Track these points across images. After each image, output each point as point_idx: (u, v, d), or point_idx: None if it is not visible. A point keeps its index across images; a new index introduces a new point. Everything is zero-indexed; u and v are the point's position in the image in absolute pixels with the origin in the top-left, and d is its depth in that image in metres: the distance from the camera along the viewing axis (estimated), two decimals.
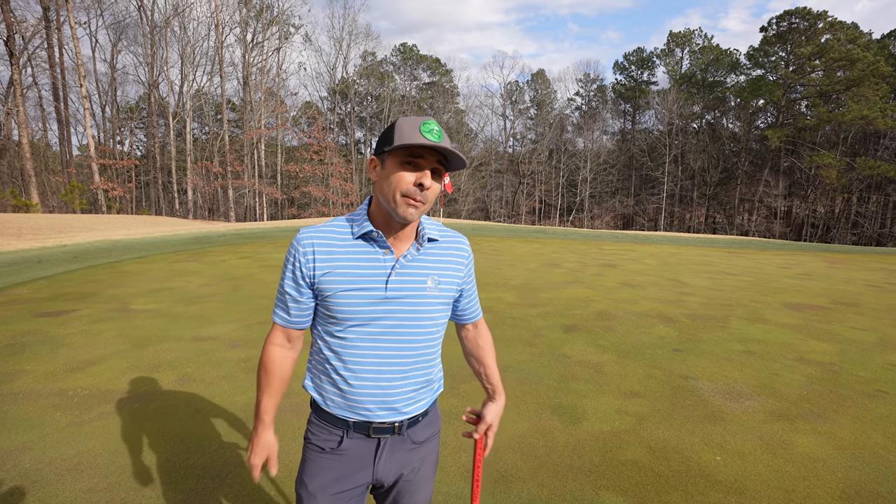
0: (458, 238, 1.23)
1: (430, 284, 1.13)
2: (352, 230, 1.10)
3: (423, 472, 1.22)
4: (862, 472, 2.46)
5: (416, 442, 1.19)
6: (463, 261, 1.22)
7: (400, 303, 1.09)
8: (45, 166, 34.93)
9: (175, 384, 3.37)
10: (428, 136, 1.00)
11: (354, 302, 1.07)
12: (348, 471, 1.14)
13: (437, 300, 1.15)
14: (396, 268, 1.09)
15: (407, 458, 1.18)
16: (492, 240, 15.66)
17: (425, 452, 1.22)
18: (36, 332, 4.48)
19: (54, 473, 2.30)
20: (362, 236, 1.09)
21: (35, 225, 16.41)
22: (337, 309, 1.08)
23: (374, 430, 1.12)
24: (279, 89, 38.29)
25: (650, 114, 51.98)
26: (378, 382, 1.10)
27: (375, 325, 1.09)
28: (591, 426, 2.90)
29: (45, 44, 29.18)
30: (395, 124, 1.04)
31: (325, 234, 1.10)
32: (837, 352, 4.50)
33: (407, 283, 1.10)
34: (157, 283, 6.97)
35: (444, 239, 1.19)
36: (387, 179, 1.04)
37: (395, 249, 1.10)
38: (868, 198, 40.25)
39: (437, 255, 1.16)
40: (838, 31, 38.34)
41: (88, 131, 28.90)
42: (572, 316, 5.58)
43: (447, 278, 1.17)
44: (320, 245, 1.09)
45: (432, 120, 1.03)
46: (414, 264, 1.12)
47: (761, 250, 16.48)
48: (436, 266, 1.15)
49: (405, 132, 1.01)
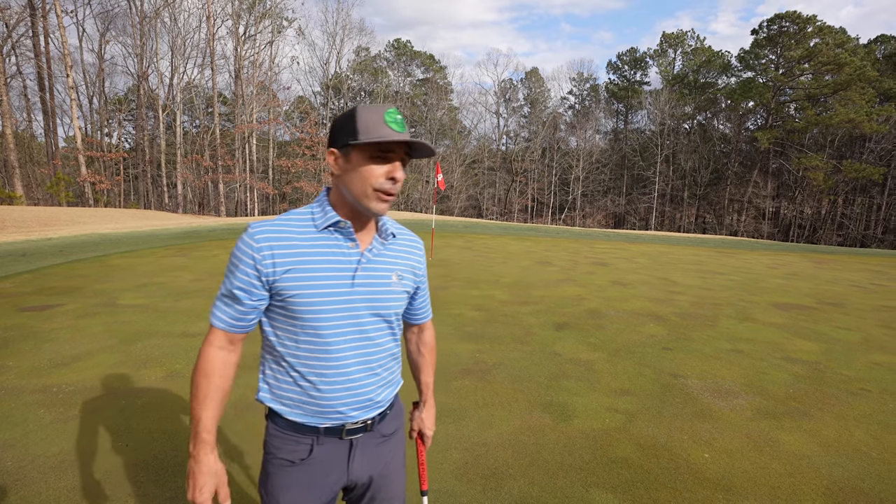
0: (414, 238, 1.23)
1: (395, 279, 1.11)
2: (314, 222, 1.04)
3: (395, 463, 1.21)
4: (845, 469, 2.50)
5: (384, 435, 1.17)
6: (418, 259, 1.21)
7: (366, 298, 1.06)
8: (29, 158, 34.19)
9: (163, 380, 3.33)
10: (394, 126, 0.97)
11: (320, 300, 1.01)
12: (322, 479, 1.09)
13: (400, 295, 1.14)
14: (362, 261, 1.06)
15: (378, 452, 1.16)
16: (484, 237, 15.68)
17: (394, 444, 1.21)
18: (20, 327, 4.39)
19: (37, 471, 2.25)
20: (328, 227, 1.04)
21: (19, 217, 16.08)
22: (301, 308, 1.01)
23: (347, 431, 1.09)
24: (271, 83, 37.85)
25: (642, 114, 52.35)
26: (349, 382, 1.07)
27: (342, 323, 1.04)
28: (582, 424, 2.92)
29: (31, 32, 28.51)
30: (354, 114, 0.98)
31: (282, 228, 1.02)
32: (823, 351, 4.57)
33: (373, 277, 1.07)
34: (145, 277, 6.87)
35: (401, 235, 1.17)
36: (355, 173, 0.99)
37: (359, 242, 1.07)
38: (853, 200, 40.99)
39: (398, 251, 1.15)
40: (827, 36, 38.89)
41: (75, 122, 28.35)
42: (564, 314, 5.60)
43: (408, 274, 1.16)
44: (278, 241, 1.00)
45: (394, 108, 1.00)
46: (379, 258, 1.09)
47: (750, 250, 16.70)
48: (399, 261, 1.14)
49: (370, 124, 0.96)
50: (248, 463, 2.39)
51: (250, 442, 2.57)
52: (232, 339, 1.06)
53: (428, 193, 45.59)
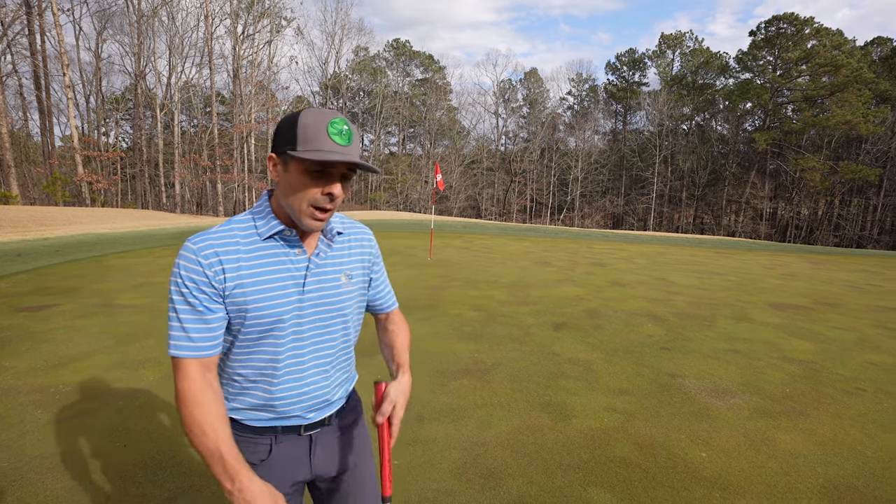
0: (363, 230, 1.19)
1: (344, 280, 1.09)
2: (257, 231, 0.99)
3: (362, 451, 1.21)
4: (840, 468, 2.52)
5: (342, 427, 1.18)
6: (368, 251, 1.17)
7: (317, 303, 1.04)
8: (25, 157, 34.01)
9: (160, 381, 3.32)
10: (337, 139, 0.90)
11: (271, 312, 0.98)
12: (285, 476, 1.09)
13: (352, 294, 1.12)
14: (311, 267, 1.03)
15: (340, 444, 1.16)
16: (483, 237, 15.69)
17: (356, 433, 1.21)
18: (16, 328, 4.37)
19: (34, 472, 2.25)
20: (271, 236, 0.99)
21: (15, 217, 16.00)
22: (251, 321, 0.97)
23: (305, 429, 1.09)
24: (270, 83, 37.80)
25: (641, 114, 52.52)
26: (305, 388, 1.06)
27: (294, 330, 1.02)
28: (580, 423, 2.92)
29: (26, 30, 28.37)
30: (296, 120, 0.91)
31: (225, 238, 0.97)
32: (819, 351, 4.60)
33: (323, 282, 1.05)
34: (142, 277, 6.85)
35: (348, 231, 1.14)
36: (290, 187, 0.93)
37: (306, 247, 1.04)
38: (850, 201, 41.19)
39: (346, 249, 1.12)
40: (824, 37, 39.10)
41: (72, 122, 28.25)
42: (562, 314, 5.62)
43: (357, 271, 1.14)
44: (224, 252, 0.95)
45: (340, 118, 0.92)
46: (327, 262, 1.07)
47: (747, 251, 16.76)
48: (347, 260, 1.11)
49: (310, 133, 0.89)
50: None
51: None
52: (206, 365, 0.95)
53: (426, 194, 45.59)
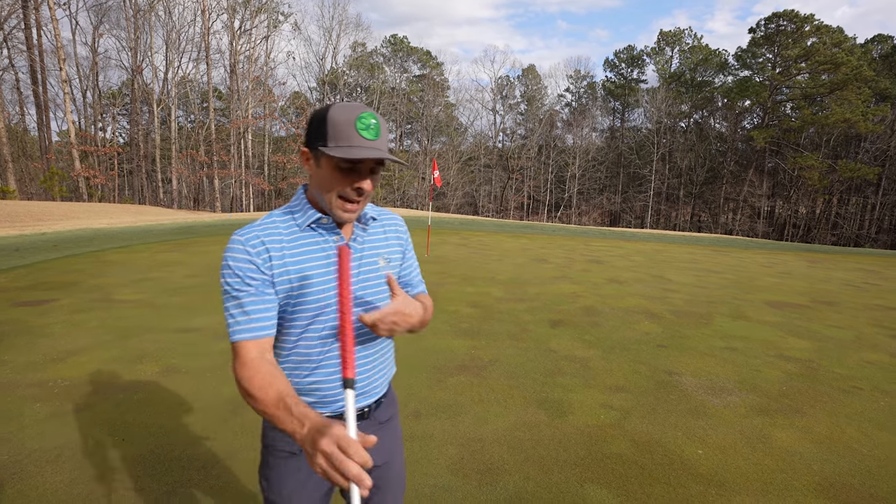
0: (394, 216, 1.23)
1: (382, 264, 1.13)
2: (296, 222, 1.04)
3: (395, 449, 1.23)
4: (836, 466, 2.54)
5: (380, 422, 1.19)
6: (402, 236, 1.22)
7: (359, 287, 1.08)
8: (22, 152, 33.80)
9: (159, 375, 3.32)
10: (365, 134, 0.93)
11: (317, 297, 1.01)
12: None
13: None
14: (350, 253, 1.07)
15: (376, 438, 1.17)
16: (480, 234, 15.69)
17: (391, 431, 1.23)
18: (14, 322, 4.37)
19: (34, 465, 2.25)
20: (310, 225, 1.04)
21: (12, 212, 15.92)
22: (298, 307, 1.01)
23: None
24: (267, 78, 37.59)
25: (639, 112, 52.43)
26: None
27: (337, 315, 1.04)
28: (577, 420, 2.94)
29: (22, 24, 28.12)
30: (326, 116, 0.94)
31: (269, 229, 1.01)
32: (815, 349, 4.62)
33: (363, 265, 1.09)
34: (140, 273, 6.84)
35: (381, 217, 1.18)
36: (322, 181, 0.98)
37: (343, 233, 1.08)
38: (848, 200, 41.29)
39: (381, 234, 1.16)
40: (824, 35, 39.04)
41: (68, 117, 28.06)
42: (559, 311, 5.63)
43: (393, 255, 1.17)
44: (269, 241, 0.99)
45: (368, 112, 0.95)
46: (365, 246, 1.11)
47: (745, 249, 16.81)
48: (383, 244, 1.15)
49: (340, 129, 0.92)
50: (246, 458, 2.39)
51: (246, 439, 2.58)
52: (263, 346, 0.96)
53: (424, 190, 45.51)
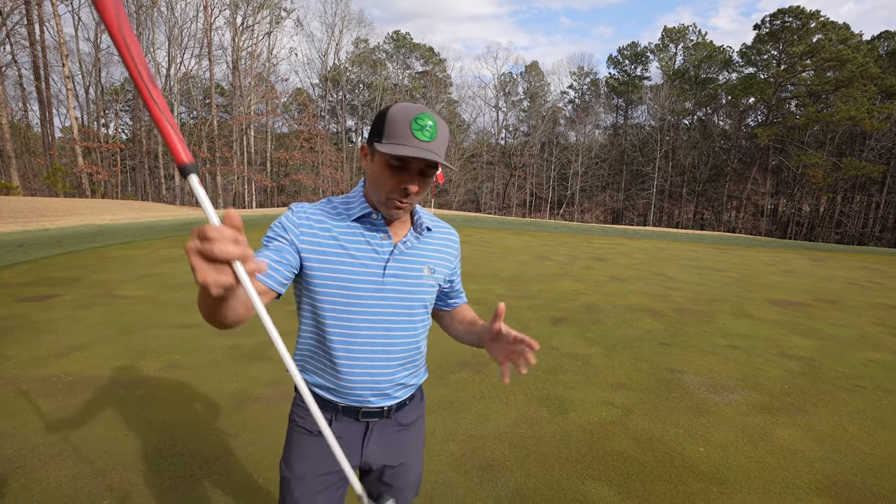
0: (450, 230, 1.24)
1: (427, 273, 1.13)
2: (348, 211, 1.07)
3: (414, 452, 1.23)
4: (838, 464, 2.53)
5: (402, 424, 1.19)
6: (454, 252, 1.23)
7: (396, 289, 1.08)
8: (25, 148, 33.90)
9: (161, 371, 3.34)
10: (419, 134, 0.94)
11: (351, 284, 1.04)
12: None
13: (432, 288, 1.15)
14: (395, 253, 1.07)
15: (394, 440, 1.18)
16: (482, 231, 15.67)
17: (413, 434, 1.22)
18: (18, 317, 4.39)
19: (38, 460, 2.27)
20: (360, 218, 1.06)
21: (15, 208, 15.99)
22: (331, 289, 1.03)
23: (363, 414, 1.11)
24: (269, 75, 37.56)
25: (642, 109, 52.18)
26: (370, 370, 1.09)
27: (369, 310, 1.06)
28: (579, 417, 2.94)
29: (25, 20, 28.14)
30: (386, 113, 0.97)
31: (321, 210, 1.06)
32: (818, 347, 4.61)
33: (405, 269, 1.09)
34: (143, 269, 6.86)
35: (437, 229, 1.19)
36: (374, 176, 1.01)
37: (392, 234, 1.08)
38: (852, 198, 41.06)
39: (432, 245, 1.16)
40: (830, 32, 38.70)
41: (71, 113, 28.12)
42: (561, 308, 5.62)
43: (441, 268, 1.17)
44: (318, 222, 1.04)
45: (426, 113, 0.95)
46: (412, 251, 1.11)
47: (748, 247, 16.74)
48: (432, 255, 1.15)
49: (396, 127, 0.94)
50: (248, 453, 2.40)
51: (248, 434, 2.59)
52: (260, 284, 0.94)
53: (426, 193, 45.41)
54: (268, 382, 3.22)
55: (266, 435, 2.56)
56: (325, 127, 43.40)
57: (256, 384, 3.19)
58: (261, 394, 3.05)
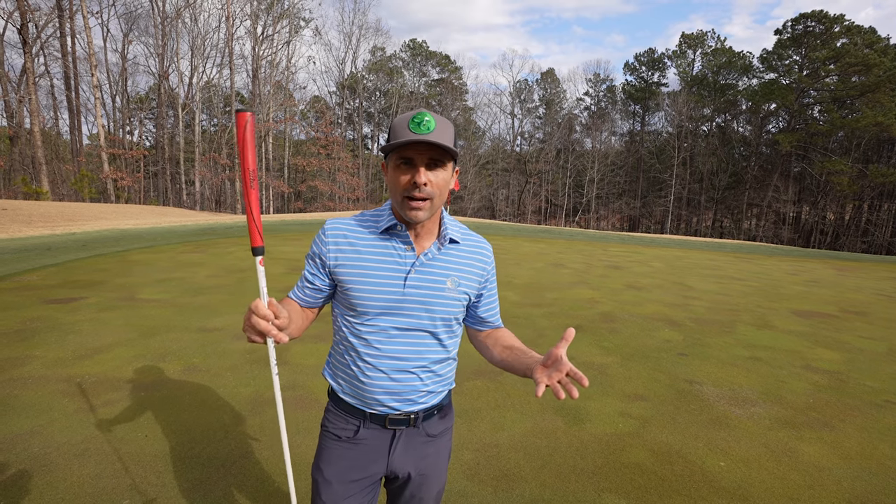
0: (481, 242, 1.21)
1: (450, 286, 1.12)
2: (377, 224, 1.11)
3: (438, 465, 1.23)
4: (868, 483, 2.43)
5: (430, 435, 1.19)
6: (483, 265, 1.19)
7: (417, 300, 1.08)
8: (55, 155, 35.20)
9: (181, 374, 3.40)
10: (415, 130, 0.97)
11: (372, 295, 1.08)
12: (363, 460, 1.15)
13: (456, 301, 1.13)
14: (416, 265, 1.09)
15: (422, 450, 1.18)
16: (497, 238, 15.62)
17: (439, 445, 1.22)
18: (45, 319, 4.53)
19: (62, 458, 2.32)
20: (385, 231, 1.10)
21: (45, 212, 16.57)
22: (354, 301, 1.09)
23: (389, 421, 1.13)
24: (288, 83, 38.33)
25: (660, 115, 51.64)
26: (389, 380, 1.10)
27: (391, 321, 1.08)
28: (595, 428, 2.89)
29: (58, 33, 29.39)
30: (391, 123, 1.04)
31: (351, 225, 1.13)
32: (845, 360, 4.45)
33: (426, 281, 1.09)
34: (163, 273, 7.02)
35: (465, 241, 1.17)
36: (389, 184, 1.06)
37: (416, 246, 1.11)
38: (879, 206, 39.74)
39: (457, 257, 1.15)
40: (855, 36, 37.78)
41: (99, 121, 29.11)
42: (577, 317, 5.56)
43: (466, 281, 1.15)
44: (345, 238, 1.11)
45: (423, 111, 0.99)
46: (434, 263, 1.11)
47: (769, 256, 16.32)
48: (456, 267, 1.14)
49: (397, 130, 1.00)
50: (264, 457, 2.42)
51: (265, 438, 2.61)
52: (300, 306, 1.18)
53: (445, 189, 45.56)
54: (283, 387, 3.25)
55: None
56: (342, 134, 44.02)
57: (272, 388, 3.22)
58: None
